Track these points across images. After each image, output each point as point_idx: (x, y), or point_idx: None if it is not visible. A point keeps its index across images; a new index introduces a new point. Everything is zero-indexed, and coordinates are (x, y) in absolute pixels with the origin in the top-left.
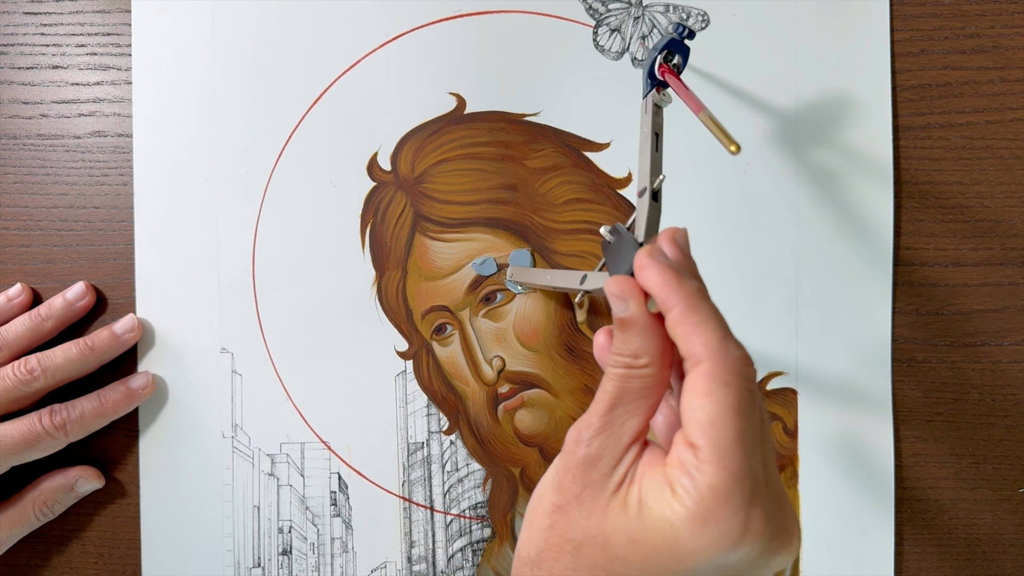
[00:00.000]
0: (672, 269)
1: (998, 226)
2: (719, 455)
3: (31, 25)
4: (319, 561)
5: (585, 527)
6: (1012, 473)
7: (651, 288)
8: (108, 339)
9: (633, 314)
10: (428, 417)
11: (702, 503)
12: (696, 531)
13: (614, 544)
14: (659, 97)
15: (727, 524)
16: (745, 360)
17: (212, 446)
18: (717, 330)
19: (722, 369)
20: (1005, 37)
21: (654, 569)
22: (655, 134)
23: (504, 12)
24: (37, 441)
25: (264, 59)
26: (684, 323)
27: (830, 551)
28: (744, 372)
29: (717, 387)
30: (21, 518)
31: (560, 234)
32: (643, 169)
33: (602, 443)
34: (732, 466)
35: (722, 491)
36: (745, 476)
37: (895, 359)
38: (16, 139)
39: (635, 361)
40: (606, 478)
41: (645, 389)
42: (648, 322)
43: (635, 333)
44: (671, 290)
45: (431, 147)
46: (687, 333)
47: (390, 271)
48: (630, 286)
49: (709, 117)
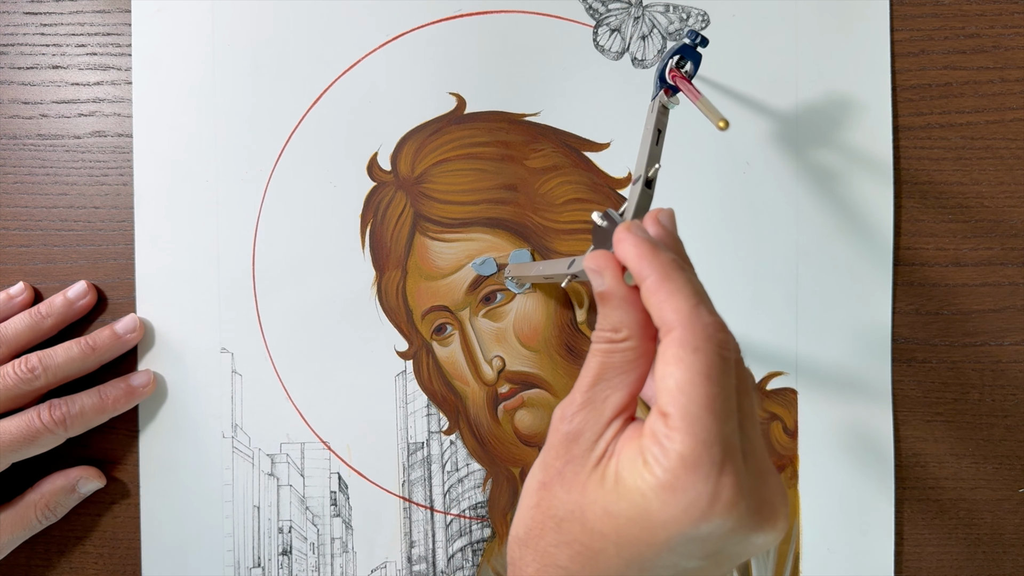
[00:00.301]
0: (647, 241)
1: (998, 226)
2: (688, 421)
3: (31, 25)
4: (319, 561)
5: (566, 502)
6: (1012, 473)
7: (626, 259)
8: (109, 338)
9: (609, 287)
10: (428, 417)
11: (670, 471)
12: (665, 500)
13: (591, 517)
14: (667, 99)
15: (695, 492)
16: (717, 326)
17: (212, 446)
18: (689, 297)
19: (692, 335)
20: (1005, 37)
21: (627, 541)
22: (658, 130)
23: (504, 12)
24: (36, 436)
25: (264, 59)
26: (657, 292)
27: (830, 551)
28: (716, 338)
29: (687, 353)
30: (23, 521)
31: (560, 234)
32: (640, 159)
33: (584, 418)
34: (700, 432)
35: (690, 458)
36: (714, 442)
37: (895, 359)
38: (16, 139)
39: (615, 335)
40: (587, 453)
41: (627, 363)
42: (625, 294)
43: (613, 306)
44: (644, 260)
45: (431, 147)
46: (660, 302)
47: (390, 271)
48: (606, 259)
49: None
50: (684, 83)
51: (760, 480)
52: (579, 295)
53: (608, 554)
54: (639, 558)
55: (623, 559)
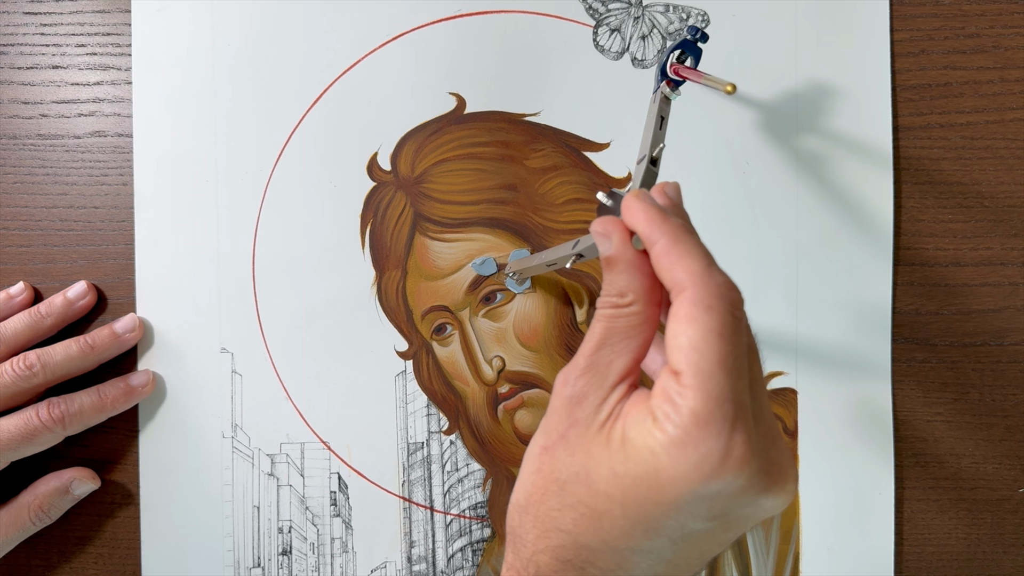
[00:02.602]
0: (656, 207)
1: (998, 226)
2: (700, 378)
3: (31, 25)
4: (319, 561)
5: (570, 464)
6: (1012, 473)
7: (636, 224)
8: (108, 338)
9: (617, 250)
10: (428, 417)
11: (682, 427)
12: (675, 456)
13: (596, 478)
14: (668, 90)
15: (706, 447)
16: (729, 286)
17: (212, 446)
18: (701, 259)
19: (705, 293)
20: (1005, 37)
21: (635, 501)
22: (661, 117)
23: (504, 12)
24: (35, 434)
25: (264, 59)
26: (668, 254)
27: (830, 551)
28: (728, 296)
29: (700, 311)
30: (17, 523)
31: (560, 234)
32: (644, 142)
33: (587, 382)
34: (713, 388)
35: (703, 414)
36: (727, 399)
37: (895, 359)
38: (16, 139)
39: (621, 300)
40: (592, 416)
41: (631, 328)
42: (632, 258)
43: (620, 270)
44: (655, 224)
45: (431, 147)
46: (670, 264)
47: (390, 271)
48: (613, 222)
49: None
50: (686, 70)
51: (770, 442)
52: (579, 295)
53: (614, 515)
54: (645, 519)
55: (629, 520)
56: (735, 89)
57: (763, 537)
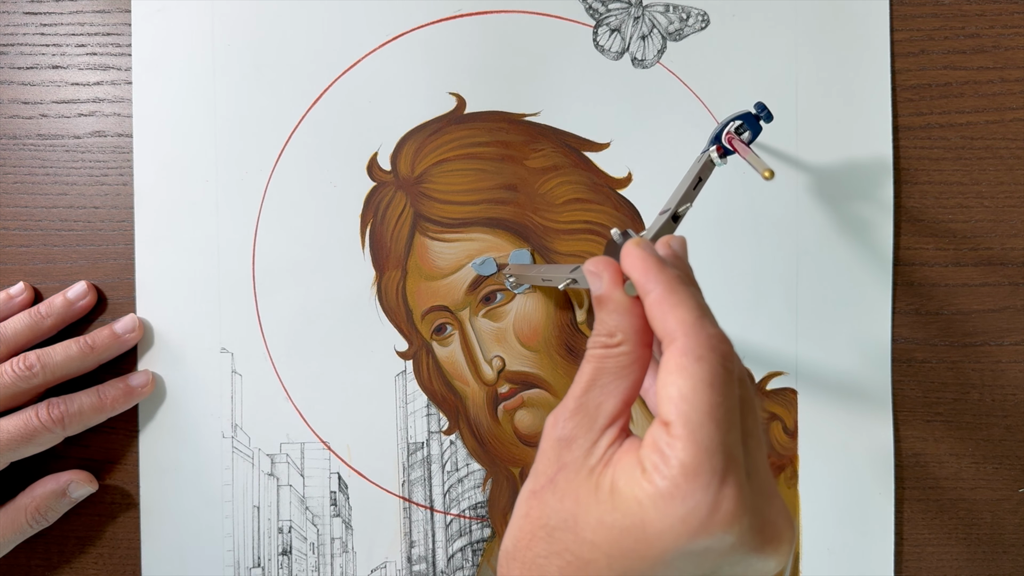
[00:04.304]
0: (654, 257)
1: (998, 226)
2: (689, 428)
3: (31, 25)
4: (319, 561)
5: (558, 510)
6: (1012, 473)
7: (631, 272)
8: (108, 338)
9: (606, 290)
10: (428, 417)
11: (670, 479)
12: (662, 508)
13: (584, 526)
14: (716, 155)
15: (694, 500)
16: (720, 337)
17: (212, 446)
18: (693, 309)
19: (695, 344)
20: (1005, 37)
21: (621, 552)
22: (699, 178)
23: (504, 12)
24: (34, 435)
25: (264, 59)
26: (660, 304)
27: (830, 551)
28: (719, 348)
29: (690, 361)
30: (14, 525)
31: (560, 234)
32: (675, 196)
33: (576, 424)
34: (703, 439)
35: (691, 465)
36: (716, 450)
37: (895, 359)
38: (16, 139)
39: (610, 340)
40: (581, 460)
41: (621, 369)
42: (622, 299)
43: (610, 310)
44: (650, 274)
45: (431, 147)
46: (663, 314)
47: (390, 271)
48: (605, 263)
49: (752, 157)
50: (738, 143)
51: (765, 500)
52: (579, 295)
53: (599, 565)
54: (631, 572)
55: (614, 572)
56: (773, 175)
57: None
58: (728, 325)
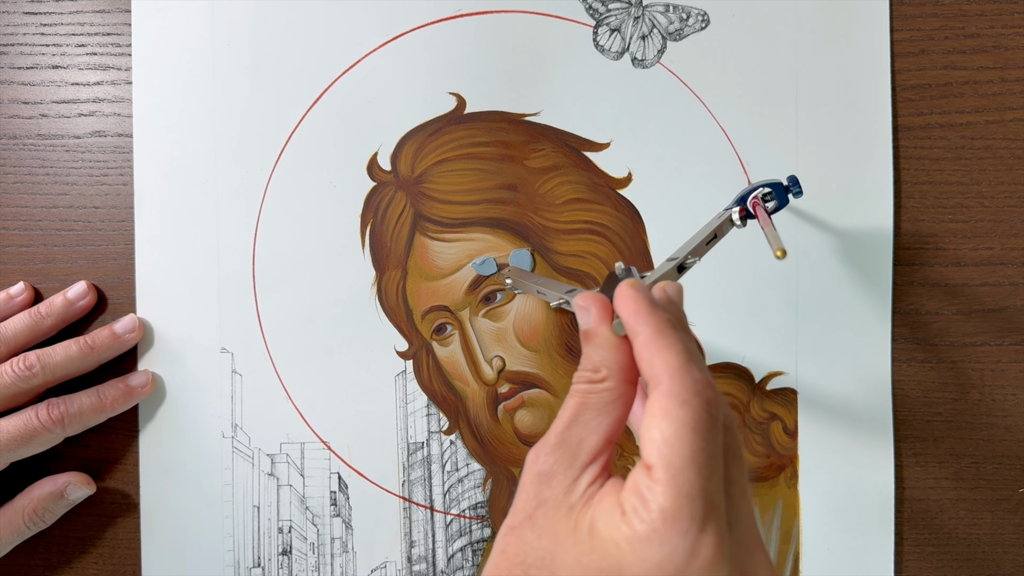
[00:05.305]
0: (647, 299)
1: (998, 226)
2: (670, 473)
3: (31, 25)
4: (319, 561)
5: (536, 547)
6: (1012, 473)
7: (622, 312)
8: (108, 338)
9: (594, 325)
10: (428, 417)
11: (649, 523)
12: (640, 552)
13: (560, 565)
14: (737, 217)
15: (671, 545)
16: (706, 383)
17: (212, 446)
18: (681, 353)
19: (680, 388)
20: (1005, 37)
21: None
22: (714, 234)
23: (504, 12)
24: (34, 435)
25: (264, 59)
26: (648, 347)
27: (830, 551)
28: (704, 393)
29: (674, 405)
30: (12, 527)
31: (560, 234)
32: (686, 247)
33: (557, 460)
34: (683, 484)
35: (671, 510)
36: (697, 496)
37: (895, 359)
38: (16, 139)
39: (595, 375)
40: (560, 498)
41: (604, 405)
42: (608, 335)
43: (596, 345)
44: (640, 316)
45: (431, 147)
46: (650, 356)
47: (390, 271)
48: (594, 298)
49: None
50: (761, 211)
51: (746, 552)
52: None
53: None
54: None
55: None
56: (784, 255)
57: (763, 537)
58: (728, 325)
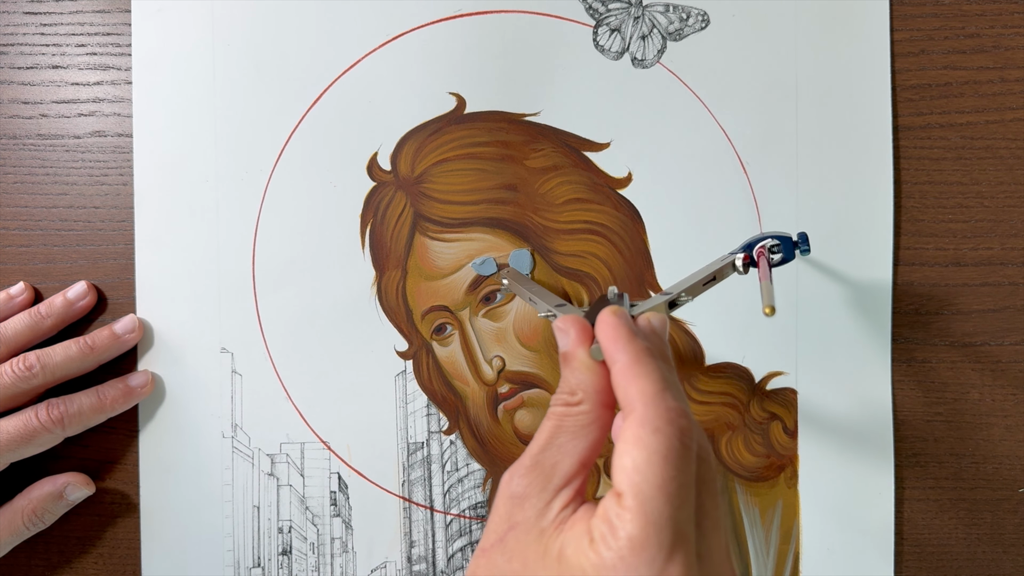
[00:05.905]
0: (627, 327)
1: (998, 226)
2: (640, 500)
3: (31, 25)
4: (319, 561)
5: (505, 571)
6: (1012, 473)
7: (601, 338)
8: (108, 338)
9: (571, 348)
10: (428, 417)
11: (616, 551)
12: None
13: None
14: (740, 263)
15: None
16: (680, 412)
17: (212, 446)
18: (656, 382)
19: (654, 416)
20: (1005, 37)
21: None
22: (713, 276)
23: (504, 12)
24: (34, 435)
25: (264, 59)
26: (624, 374)
27: (830, 551)
28: (677, 422)
29: (646, 433)
30: (11, 527)
31: (560, 234)
32: (681, 284)
33: (530, 482)
34: (652, 513)
35: (638, 538)
36: (665, 526)
37: (895, 359)
38: (16, 139)
39: (571, 398)
40: (532, 521)
41: (580, 428)
42: (585, 358)
43: (572, 368)
44: (619, 343)
45: (431, 147)
46: (626, 383)
47: (390, 271)
48: (573, 321)
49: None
50: (764, 262)
51: None
52: (579, 295)
53: None
54: None
55: None
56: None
57: (763, 537)
58: (728, 325)
